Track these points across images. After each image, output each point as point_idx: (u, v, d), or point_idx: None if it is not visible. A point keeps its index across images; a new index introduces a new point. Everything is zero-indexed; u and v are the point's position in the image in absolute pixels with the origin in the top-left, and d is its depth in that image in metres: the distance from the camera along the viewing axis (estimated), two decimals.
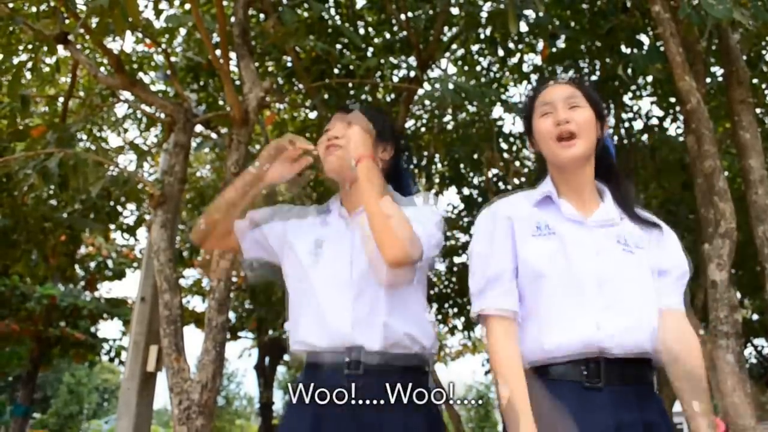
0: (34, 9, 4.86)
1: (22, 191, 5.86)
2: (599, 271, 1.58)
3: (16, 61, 5.21)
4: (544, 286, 1.59)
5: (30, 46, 5.11)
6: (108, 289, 19.09)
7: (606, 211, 1.67)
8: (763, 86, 6.31)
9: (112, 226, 8.11)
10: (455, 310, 10.84)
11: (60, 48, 4.50)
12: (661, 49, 4.27)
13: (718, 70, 6.09)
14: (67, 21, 4.31)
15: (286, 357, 15.88)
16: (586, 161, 1.67)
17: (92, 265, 12.48)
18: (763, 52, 6.03)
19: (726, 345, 3.50)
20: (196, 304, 13.71)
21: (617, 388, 1.50)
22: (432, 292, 10.30)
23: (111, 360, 13.91)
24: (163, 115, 4.84)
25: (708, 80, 5.41)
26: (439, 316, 10.83)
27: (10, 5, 4.48)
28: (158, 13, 4.93)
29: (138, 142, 7.83)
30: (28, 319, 11.96)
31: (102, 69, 5.76)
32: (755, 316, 11.70)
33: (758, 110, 6.09)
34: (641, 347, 1.55)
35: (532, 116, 1.72)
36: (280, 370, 21.53)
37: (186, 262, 9.29)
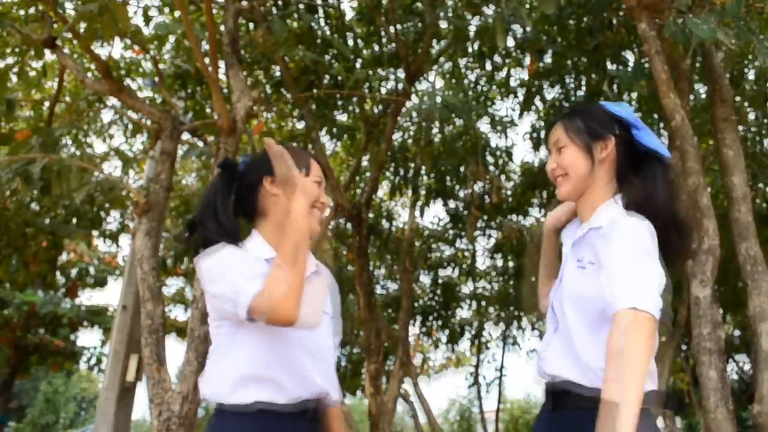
0: (22, 12, 4.84)
1: (4, 196, 5.80)
2: (558, 297, 1.68)
3: (2, 64, 5.17)
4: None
5: (17, 50, 5.07)
6: (89, 297, 18.87)
7: (582, 227, 1.69)
8: (746, 105, 6.41)
9: (95, 233, 8.04)
10: (439, 323, 10.84)
11: (47, 52, 4.47)
12: (646, 66, 4.32)
13: (701, 88, 6.18)
14: (55, 25, 4.29)
15: None
16: (580, 192, 1.72)
17: (74, 272, 12.34)
18: (746, 71, 6.13)
19: (709, 362, 3.52)
20: (178, 313, 13.58)
21: (556, 415, 1.59)
22: (416, 305, 10.29)
23: (90, 369, 13.74)
24: (149, 122, 4.82)
25: (692, 98, 5.48)
26: (423, 329, 10.82)
27: None
28: (148, 20, 4.92)
29: (124, 149, 7.77)
30: (6, 326, 11.79)
31: (89, 74, 5.72)
32: (737, 332, 11.81)
33: (741, 128, 6.17)
34: (563, 375, 1.57)
35: None
36: None
37: (169, 270, 9.23)
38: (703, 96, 5.97)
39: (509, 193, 8.15)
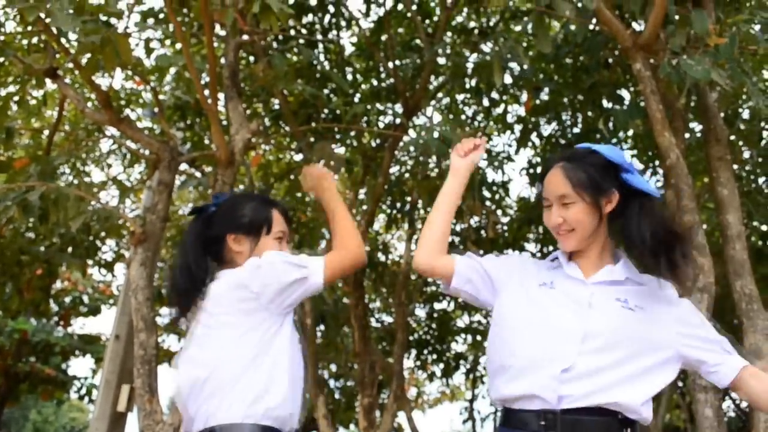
0: (25, 42, 4.88)
1: (1, 223, 5.77)
2: (591, 321, 1.62)
3: (3, 93, 5.20)
4: (529, 329, 1.66)
5: (18, 79, 5.11)
6: (82, 325, 18.71)
7: (610, 272, 1.73)
8: (741, 143, 6.46)
9: (90, 262, 7.99)
10: (434, 356, 10.75)
11: (48, 82, 4.50)
12: (642, 105, 4.37)
13: (697, 126, 6.23)
14: (57, 56, 4.32)
15: None
16: (587, 243, 1.74)
17: (67, 300, 12.24)
18: (740, 110, 6.20)
19: (705, 399, 3.49)
20: (171, 343, 13.45)
21: None
22: (411, 338, 10.22)
23: (80, 398, 13.53)
24: (148, 152, 4.84)
25: (687, 136, 5.52)
26: (418, 363, 10.72)
27: (1, 38, 4.49)
28: (149, 51, 4.96)
29: (121, 179, 7.79)
30: None
31: (89, 104, 5.75)
32: None
33: (735, 167, 6.22)
34: (613, 398, 1.56)
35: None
36: None
37: (164, 300, 9.16)
38: (698, 134, 6.02)
39: (505, 227, 8.15)
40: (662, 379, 1.64)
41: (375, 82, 6.94)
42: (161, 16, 5.42)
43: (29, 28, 4.13)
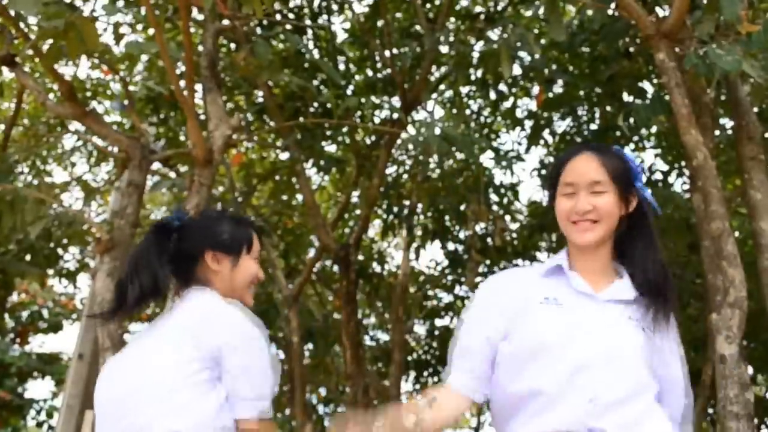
0: None
1: None
2: (609, 345, 1.64)
3: None
4: (545, 357, 1.63)
5: None
6: (41, 343, 18.63)
7: (620, 289, 1.74)
8: None
9: (51, 272, 7.98)
10: (435, 379, 10.74)
11: (5, 70, 4.50)
12: (666, 99, 4.38)
13: (727, 123, 6.25)
14: (15, 41, 4.32)
15: None
16: (602, 243, 1.75)
17: (25, 314, 12.21)
18: None
19: (737, 428, 3.48)
20: None
21: None
22: (409, 358, 10.21)
23: (38, 425, 13.48)
24: (116, 150, 4.83)
25: (716, 134, 5.54)
26: (417, 386, 10.71)
27: None
28: (118, 38, 4.97)
29: (87, 179, 7.78)
30: None
31: (51, 95, 5.76)
32: None
33: None
34: (642, 429, 1.58)
35: (556, 188, 1.80)
36: None
37: (132, 315, 9.15)
38: (729, 131, 6.04)
39: (514, 235, 8.17)
40: None
41: (370, 73, 6.96)
42: None
43: None
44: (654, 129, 6.71)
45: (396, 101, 6.75)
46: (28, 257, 6.63)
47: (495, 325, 1.73)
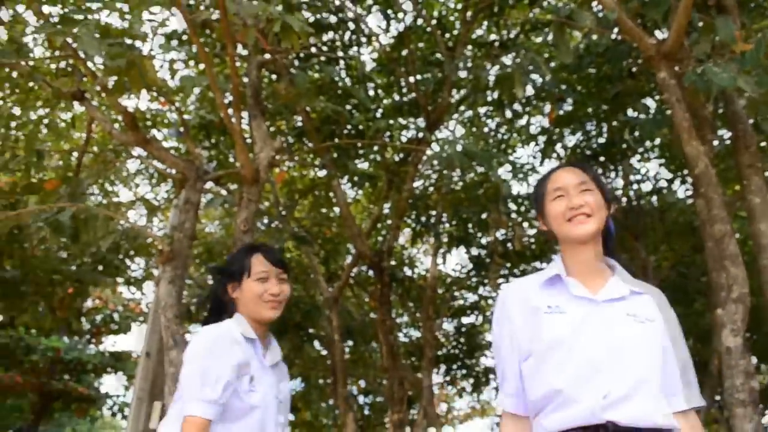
0: (53, 66, 4.98)
1: (33, 243, 5.88)
2: (612, 343, 1.61)
3: (33, 116, 5.30)
4: (558, 360, 1.61)
5: (47, 102, 5.21)
6: (113, 343, 18.96)
7: (614, 287, 1.72)
8: None
9: (120, 280, 8.10)
10: (463, 371, 10.65)
11: (76, 104, 4.58)
12: (668, 113, 4.29)
13: (725, 133, 6.11)
14: (84, 79, 4.40)
15: None
16: (595, 239, 1.74)
17: (98, 318, 12.40)
18: None
19: (743, 414, 3.38)
20: None
21: None
22: (440, 353, 10.14)
23: (113, 415, 13.67)
24: (174, 172, 4.88)
25: (715, 143, 5.42)
26: (447, 378, 10.62)
27: (30, 63, 4.58)
28: (173, 72, 5.03)
29: (149, 198, 7.88)
30: (32, 371, 11.81)
31: (116, 125, 5.84)
32: None
33: (767, 174, 6.08)
34: (651, 419, 1.54)
35: (544, 199, 1.81)
36: None
37: (193, 317, 9.23)
38: (727, 141, 5.90)
39: (532, 240, 8.07)
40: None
41: (396, 97, 6.94)
42: (184, 37, 5.50)
43: (57, 52, 4.21)
44: (657, 141, 6.58)
45: (421, 122, 6.73)
46: (100, 268, 6.74)
47: (518, 347, 1.70)
